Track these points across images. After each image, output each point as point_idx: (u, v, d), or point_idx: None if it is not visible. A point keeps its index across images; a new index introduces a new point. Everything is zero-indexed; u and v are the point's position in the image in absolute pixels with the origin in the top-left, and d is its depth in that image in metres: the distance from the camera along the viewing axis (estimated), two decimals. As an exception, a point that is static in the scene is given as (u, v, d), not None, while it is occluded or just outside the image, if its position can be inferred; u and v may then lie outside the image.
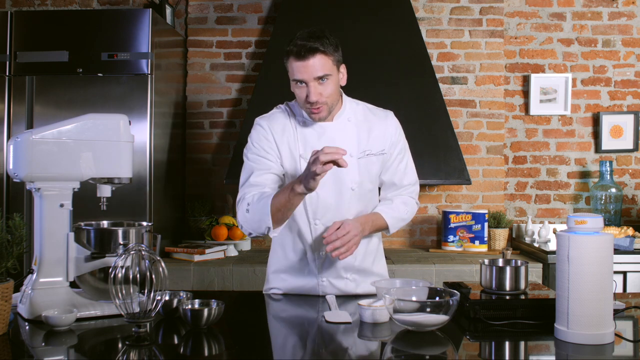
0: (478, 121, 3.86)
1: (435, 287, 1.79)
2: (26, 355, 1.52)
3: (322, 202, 2.03)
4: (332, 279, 2.11)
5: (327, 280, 2.10)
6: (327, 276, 2.10)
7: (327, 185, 2.02)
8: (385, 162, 2.13)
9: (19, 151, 1.77)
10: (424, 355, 1.50)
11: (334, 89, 1.99)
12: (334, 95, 2.01)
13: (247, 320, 1.88)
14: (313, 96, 1.94)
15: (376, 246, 2.22)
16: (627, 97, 3.93)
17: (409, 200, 2.19)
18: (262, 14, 3.92)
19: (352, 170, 2.05)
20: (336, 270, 2.10)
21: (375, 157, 2.09)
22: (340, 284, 2.11)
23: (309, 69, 1.93)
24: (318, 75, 1.94)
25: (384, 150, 2.11)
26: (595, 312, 1.50)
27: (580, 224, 1.54)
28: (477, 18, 3.86)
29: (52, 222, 1.79)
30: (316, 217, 2.06)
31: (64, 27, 3.25)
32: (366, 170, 2.08)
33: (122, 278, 1.61)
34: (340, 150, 1.73)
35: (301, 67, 1.93)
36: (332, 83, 1.98)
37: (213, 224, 3.63)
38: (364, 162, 2.08)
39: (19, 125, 3.23)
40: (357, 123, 2.10)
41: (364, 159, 2.07)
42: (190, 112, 3.91)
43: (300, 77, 1.95)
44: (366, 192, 2.11)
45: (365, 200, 2.12)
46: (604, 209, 3.76)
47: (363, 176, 2.08)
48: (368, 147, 2.08)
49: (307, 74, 1.93)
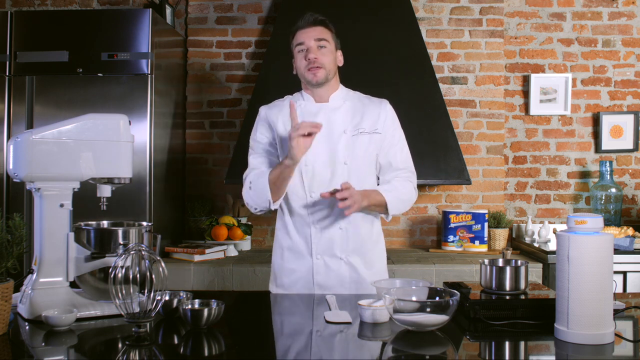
0: (478, 121, 3.86)
1: (435, 287, 1.79)
2: (26, 355, 1.52)
3: (317, 176, 2.17)
4: (327, 258, 2.18)
5: (321, 258, 2.18)
6: (322, 254, 2.18)
7: (321, 160, 2.17)
8: (380, 142, 2.23)
9: (19, 151, 1.77)
10: (424, 355, 1.50)
11: (330, 58, 2.18)
12: (331, 63, 2.18)
13: (247, 320, 1.88)
14: (311, 53, 2.13)
15: (376, 235, 2.29)
16: (627, 97, 3.94)
17: (407, 184, 2.26)
18: (262, 14, 3.92)
19: (345, 146, 2.18)
20: (331, 250, 2.18)
21: (369, 135, 2.20)
22: (334, 264, 2.18)
23: (310, 33, 2.16)
24: (318, 37, 2.15)
25: (377, 130, 2.22)
26: (595, 312, 1.50)
27: (580, 224, 1.54)
28: (477, 18, 3.86)
29: (52, 222, 1.79)
30: (312, 190, 2.18)
31: (64, 27, 3.25)
32: (360, 147, 2.19)
33: (122, 278, 1.61)
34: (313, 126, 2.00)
35: (303, 33, 2.17)
36: (329, 52, 2.18)
37: (213, 224, 3.63)
38: (357, 139, 2.19)
39: (19, 125, 3.23)
40: (352, 104, 2.25)
41: (357, 136, 2.20)
42: (190, 112, 3.91)
43: (302, 40, 2.16)
44: (360, 168, 2.20)
45: (359, 177, 2.19)
46: (604, 209, 3.76)
47: (356, 152, 2.18)
48: (361, 126, 2.21)
49: (307, 37, 2.15)
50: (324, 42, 2.16)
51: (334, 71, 2.21)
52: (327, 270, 2.18)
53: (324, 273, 2.18)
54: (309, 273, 2.20)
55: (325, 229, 2.18)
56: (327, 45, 2.17)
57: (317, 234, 2.19)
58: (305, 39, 2.15)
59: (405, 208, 2.26)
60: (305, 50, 2.15)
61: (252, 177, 2.19)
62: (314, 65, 2.14)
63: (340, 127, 2.20)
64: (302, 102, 2.25)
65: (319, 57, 2.14)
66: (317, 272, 2.19)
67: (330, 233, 2.18)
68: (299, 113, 2.20)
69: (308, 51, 2.14)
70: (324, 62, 2.15)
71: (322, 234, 2.19)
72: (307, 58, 2.14)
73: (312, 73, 2.15)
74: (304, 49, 2.16)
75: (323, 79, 2.17)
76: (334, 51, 2.21)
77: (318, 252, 2.19)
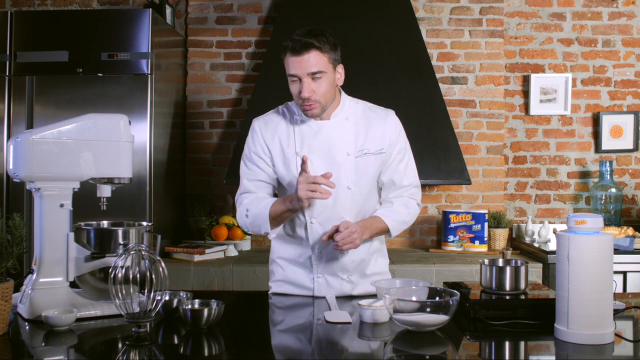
0: (478, 121, 3.86)
1: (435, 287, 1.80)
2: (26, 355, 1.52)
3: (318, 200, 2.00)
4: (327, 276, 2.11)
5: (322, 277, 2.11)
6: (323, 273, 2.11)
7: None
8: (384, 161, 2.12)
9: (19, 151, 1.77)
10: (424, 355, 1.50)
11: (327, 88, 2.00)
12: (328, 94, 2.01)
13: (247, 320, 1.88)
14: (305, 92, 1.96)
15: (376, 249, 2.21)
16: (627, 97, 3.93)
17: (410, 202, 2.17)
18: (262, 14, 3.92)
19: (348, 168, 2.06)
20: (332, 269, 2.11)
21: (374, 156, 2.08)
22: (336, 283, 2.12)
23: (302, 64, 1.94)
24: (311, 71, 1.95)
25: (382, 150, 2.09)
26: (595, 312, 1.50)
27: (580, 224, 1.54)
28: (477, 18, 3.86)
29: (52, 222, 1.79)
30: (313, 215, 2.07)
31: (64, 27, 3.25)
32: (363, 169, 2.08)
33: (122, 278, 1.61)
34: (323, 187, 1.88)
35: (295, 62, 1.95)
36: (326, 81, 1.99)
37: (213, 224, 3.63)
38: (362, 161, 2.07)
39: (19, 125, 3.23)
40: (355, 122, 2.10)
41: (361, 158, 2.07)
42: (190, 112, 3.91)
43: (294, 72, 1.96)
44: (363, 192, 2.11)
45: (362, 200, 2.11)
46: (604, 209, 3.76)
47: (360, 175, 2.07)
48: (366, 146, 2.08)
49: (300, 69, 1.95)
50: (319, 74, 1.96)
51: (331, 99, 2.04)
52: (328, 287, 2.12)
53: (325, 290, 2.12)
54: (309, 287, 2.13)
55: (325, 251, 2.10)
56: (323, 75, 1.97)
57: (318, 256, 2.11)
58: (297, 72, 1.96)
59: (407, 225, 2.18)
60: (298, 81, 1.98)
61: (249, 205, 2.07)
62: (309, 103, 1.98)
63: (342, 148, 2.06)
64: (298, 118, 2.10)
65: (314, 91, 1.97)
66: (318, 290, 2.12)
67: (331, 255, 2.09)
68: (297, 134, 2.08)
69: (302, 86, 1.96)
70: (319, 97, 1.98)
71: (323, 256, 2.10)
72: (300, 96, 1.97)
73: (307, 109, 2.01)
74: (297, 80, 1.98)
75: (319, 113, 2.03)
76: (332, 76, 2.01)
77: (319, 272, 2.12)
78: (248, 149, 2.15)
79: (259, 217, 2.03)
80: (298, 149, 2.07)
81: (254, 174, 2.12)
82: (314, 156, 2.04)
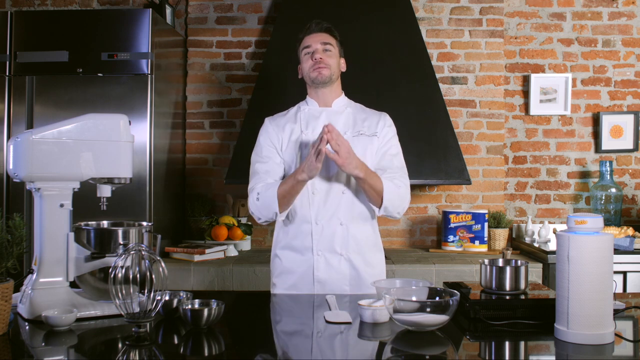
0: (478, 121, 3.86)
1: (435, 287, 1.79)
2: (26, 355, 1.52)
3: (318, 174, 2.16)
4: (327, 254, 2.22)
5: (322, 255, 2.21)
6: (323, 250, 2.22)
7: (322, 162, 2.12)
8: (377, 148, 2.29)
9: (19, 151, 1.77)
10: (424, 355, 1.50)
11: (335, 61, 2.30)
12: (335, 66, 2.30)
13: (247, 320, 1.88)
14: (318, 54, 2.26)
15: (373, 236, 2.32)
16: (627, 97, 3.94)
17: (404, 181, 2.29)
18: (262, 14, 3.92)
19: None
20: (332, 246, 2.21)
21: (368, 137, 2.28)
22: (334, 260, 2.22)
23: (317, 37, 2.30)
24: (324, 41, 2.28)
25: (376, 133, 2.30)
26: (595, 312, 1.50)
27: (580, 224, 1.54)
28: (477, 18, 3.86)
29: (52, 222, 1.79)
30: (314, 187, 2.23)
31: (64, 27, 3.25)
32: (359, 147, 2.22)
33: (122, 278, 1.61)
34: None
35: (312, 37, 2.30)
36: (334, 56, 2.30)
37: (213, 224, 3.63)
38: (357, 140, 2.26)
39: (19, 125, 3.23)
40: (354, 111, 2.36)
41: (357, 137, 2.27)
42: (190, 112, 3.91)
43: (309, 43, 2.29)
44: None
45: None
46: (604, 209, 3.76)
47: (355, 151, 2.18)
48: (362, 129, 2.30)
49: (314, 41, 2.29)
50: (329, 47, 2.29)
51: (337, 74, 2.32)
52: (327, 267, 2.22)
53: (324, 270, 2.22)
54: (309, 270, 2.23)
55: (326, 225, 2.23)
56: (332, 49, 2.29)
57: (318, 230, 2.23)
58: (312, 42, 2.28)
59: (399, 206, 2.23)
60: (311, 52, 2.27)
61: (260, 189, 2.22)
62: (320, 64, 2.25)
63: (341, 128, 2.27)
64: (305, 107, 2.34)
65: (325, 57, 2.26)
66: (318, 269, 2.22)
67: (331, 229, 2.22)
68: (303, 117, 2.32)
69: (315, 52, 2.26)
70: (329, 63, 2.27)
71: (323, 230, 2.23)
72: (313, 58, 2.26)
73: (317, 71, 2.25)
74: (311, 52, 2.28)
75: (327, 78, 2.27)
76: (338, 56, 2.33)
77: (319, 249, 2.23)
78: (261, 141, 2.33)
79: (269, 197, 2.17)
80: (303, 128, 2.29)
81: (267, 156, 2.29)
82: (316, 134, 2.24)
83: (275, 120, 2.36)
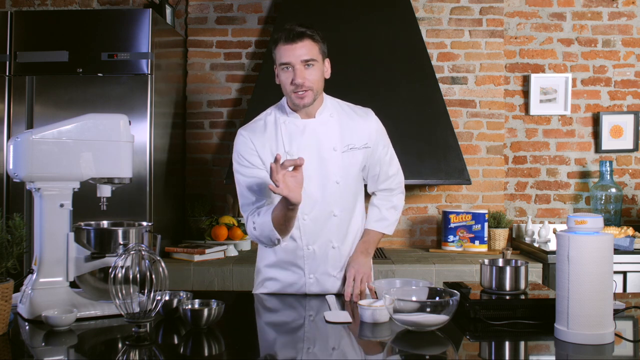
0: (478, 121, 3.86)
1: (435, 287, 1.80)
2: (26, 355, 1.52)
3: (308, 196, 2.02)
4: (318, 276, 2.14)
5: (314, 277, 2.13)
6: (314, 273, 2.13)
7: (312, 180, 2.04)
8: (369, 156, 2.17)
9: (19, 151, 1.77)
10: (424, 355, 1.50)
11: (319, 76, 2.03)
12: (319, 82, 2.04)
13: (247, 320, 1.88)
14: (298, 78, 1.97)
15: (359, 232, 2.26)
16: (627, 97, 3.93)
17: (396, 201, 2.27)
18: (262, 14, 3.92)
19: (336, 164, 2.09)
20: (324, 267, 2.13)
21: (359, 150, 2.13)
22: (327, 282, 2.15)
23: (296, 51, 1.97)
24: (304, 59, 1.97)
25: (367, 144, 2.14)
26: (595, 312, 1.50)
27: (580, 224, 1.54)
28: (477, 18, 3.86)
29: (52, 222, 1.79)
30: (304, 212, 2.07)
31: (64, 27, 3.25)
32: (350, 163, 2.11)
33: (122, 278, 1.61)
34: (293, 161, 1.80)
35: (289, 50, 1.97)
36: (318, 70, 2.02)
37: (213, 224, 3.63)
38: (348, 156, 2.11)
39: (19, 125, 3.23)
40: (339, 118, 2.13)
41: (347, 152, 2.11)
42: (190, 112, 3.91)
43: (287, 60, 1.98)
44: (351, 185, 2.15)
45: (350, 194, 2.15)
46: (604, 209, 3.76)
47: (348, 170, 2.11)
48: (352, 142, 2.11)
49: (293, 57, 1.97)
50: (312, 62, 1.99)
51: (321, 89, 2.07)
52: (319, 286, 2.15)
53: (316, 287, 2.14)
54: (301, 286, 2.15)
55: (318, 249, 2.12)
56: (315, 64, 2.00)
57: (310, 254, 2.12)
58: (291, 59, 1.97)
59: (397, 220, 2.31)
60: (290, 70, 1.99)
61: (254, 217, 2.04)
62: (302, 89, 1.99)
63: (329, 144, 2.08)
64: (286, 119, 2.09)
65: (307, 79, 1.98)
66: (310, 289, 2.15)
67: (323, 252, 2.12)
68: (285, 133, 2.09)
69: (295, 73, 1.97)
70: (312, 84, 2.00)
71: (315, 254, 2.12)
72: (293, 82, 1.98)
73: (299, 97, 2.00)
74: (290, 69, 1.99)
75: (311, 102, 2.03)
76: (322, 66, 2.05)
77: (311, 272, 2.13)
78: (240, 158, 2.10)
79: (265, 226, 1.98)
80: (287, 148, 2.07)
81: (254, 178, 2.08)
82: (302, 153, 2.02)
83: (255, 136, 2.09)
